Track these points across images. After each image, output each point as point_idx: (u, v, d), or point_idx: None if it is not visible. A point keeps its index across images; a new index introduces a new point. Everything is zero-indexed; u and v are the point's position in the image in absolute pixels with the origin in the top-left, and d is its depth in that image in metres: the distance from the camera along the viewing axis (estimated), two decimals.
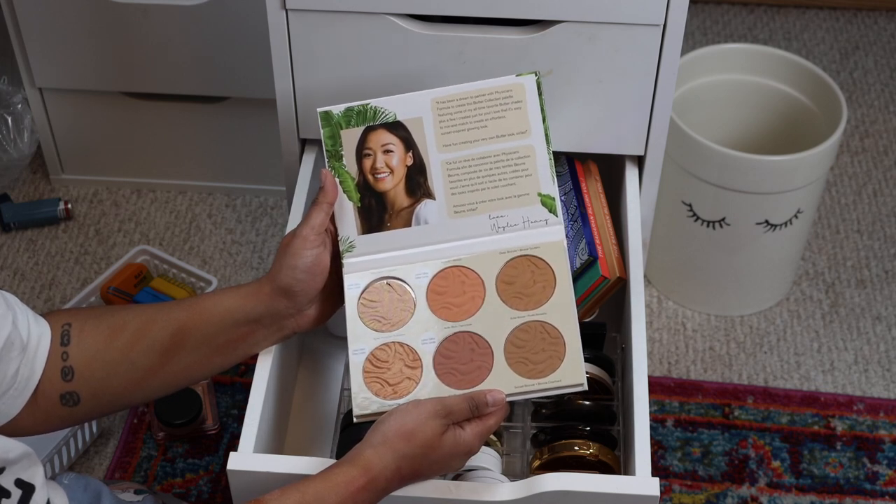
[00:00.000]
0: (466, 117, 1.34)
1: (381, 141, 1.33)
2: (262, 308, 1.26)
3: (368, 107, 1.34)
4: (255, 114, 1.96)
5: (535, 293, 1.28)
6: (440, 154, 1.33)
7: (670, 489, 1.71)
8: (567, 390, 1.24)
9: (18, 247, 2.03)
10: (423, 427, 1.19)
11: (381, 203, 1.32)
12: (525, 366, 1.25)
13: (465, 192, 1.32)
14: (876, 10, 2.45)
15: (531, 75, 1.33)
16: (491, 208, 1.32)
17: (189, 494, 1.70)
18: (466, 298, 1.29)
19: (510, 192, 1.32)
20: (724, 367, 1.87)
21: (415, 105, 1.34)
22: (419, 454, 1.19)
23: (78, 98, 1.98)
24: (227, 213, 2.07)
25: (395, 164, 1.33)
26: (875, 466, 1.75)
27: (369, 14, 1.40)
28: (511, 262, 1.30)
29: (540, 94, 1.33)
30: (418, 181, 1.33)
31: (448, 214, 1.32)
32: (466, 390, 1.23)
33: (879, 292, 1.97)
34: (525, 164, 1.32)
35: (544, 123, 1.33)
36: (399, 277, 1.30)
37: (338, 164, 1.33)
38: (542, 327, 1.27)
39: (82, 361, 1.23)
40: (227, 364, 1.29)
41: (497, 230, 1.31)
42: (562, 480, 1.21)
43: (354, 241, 1.31)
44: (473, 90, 1.34)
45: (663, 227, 1.85)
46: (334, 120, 1.34)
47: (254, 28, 1.80)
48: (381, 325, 1.28)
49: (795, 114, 1.90)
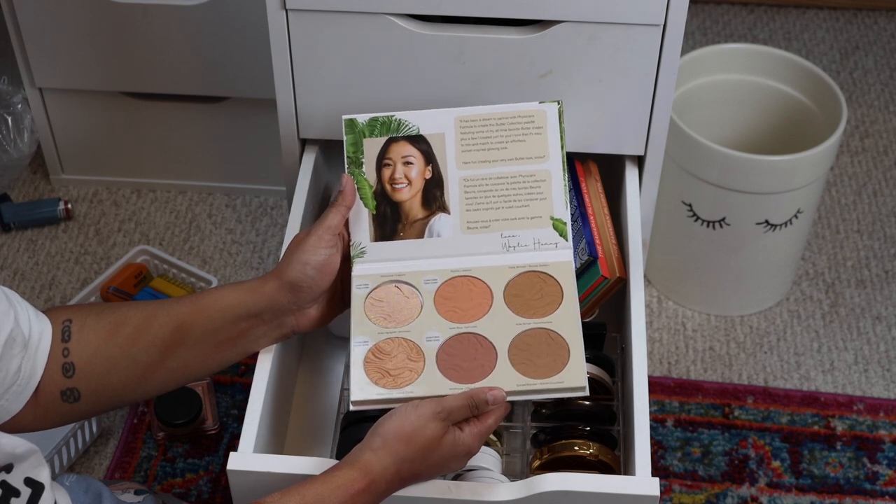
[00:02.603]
0: (488, 137, 1.36)
1: (403, 153, 1.36)
2: (263, 303, 1.27)
3: (393, 119, 1.37)
4: (255, 114, 1.96)
5: (542, 307, 1.30)
6: (459, 171, 1.36)
7: (670, 489, 1.71)
8: (569, 393, 1.25)
9: (18, 247, 2.03)
10: (422, 430, 1.19)
11: (396, 213, 1.35)
12: (528, 366, 1.25)
13: (480, 210, 1.35)
14: (876, 10, 2.45)
15: (554, 104, 1.37)
16: (503, 227, 1.34)
17: (189, 494, 1.70)
18: (474, 304, 1.31)
19: (524, 213, 1.34)
20: (724, 367, 1.87)
21: (439, 121, 1.37)
22: (419, 457, 1.19)
23: (78, 98, 1.98)
24: (227, 213, 2.07)
25: (414, 176, 1.35)
26: (875, 466, 1.75)
27: (369, 14, 1.40)
28: (520, 276, 1.32)
29: (561, 123, 1.36)
30: (435, 195, 1.35)
31: (461, 230, 1.34)
32: (466, 385, 1.24)
33: (879, 292, 1.97)
34: (541, 187, 1.35)
35: (562, 151, 1.36)
36: (408, 281, 1.32)
37: (357, 171, 1.36)
38: (547, 334, 1.28)
39: (83, 358, 1.23)
40: (226, 361, 1.30)
41: (508, 249, 1.34)
42: (562, 480, 1.21)
43: (366, 248, 1.33)
44: (497, 112, 1.37)
45: (663, 227, 1.85)
46: (358, 128, 1.37)
47: (254, 28, 1.80)
48: (386, 321, 1.30)
49: (795, 114, 1.90)
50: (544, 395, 1.25)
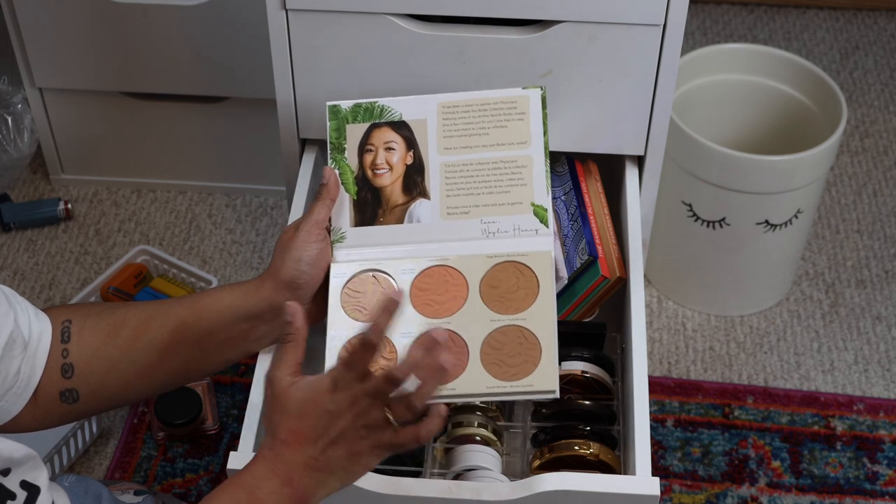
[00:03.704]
0: (470, 123, 1.35)
1: (385, 138, 1.35)
2: (263, 304, 1.27)
3: (376, 105, 1.36)
4: (255, 114, 1.97)
5: (518, 299, 1.28)
6: (440, 156, 1.35)
7: (670, 489, 1.71)
8: (538, 396, 1.24)
9: (18, 247, 2.03)
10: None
11: (377, 198, 1.34)
12: (499, 367, 1.24)
13: (460, 196, 1.34)
14: (876, 10, 2.45)
15: (537, 89, 1.35)
16: (483, 213, 1.33)
17: (189, 494, 1.70)
18: (448, 297, 1.29)
19: (504, 199, 1.33)
20: (724, 367, 1.87)
21: (421, 107, 1.36)
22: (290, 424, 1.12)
23: (78, 98, 1.98)
24: (227, 213, 2.07)
25: (395, 161, 1.35)
26: (875, 466, 1.75)
27: (369, 14, 1.40)
28: (497, 267, 1.31)
29: (544, 108, 1.35)
30: (415, 180, 1.34)
31: (441, 215, 1.33)
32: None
33: (879, 292, 1.97)
34: (522, 173, 1.33)
35: (545, 137, 1.34)
36: (385, 271, 1.31)
37: (339, 157, 1.35)
38: (520, 332, 1.26)
39: (82, 359, 1.23)
40: (227, 362, 1.30)
41: (487, 235, 1.32)
42: (562, 480, 1.21)
43: (346, 233, 1.33)
44: (480, 98, 1.36)
45: (663, 227, 1.85)
46: (342, 114, 1.37)
47: (254, 28, 1.80)
48: (361, 315, 1.29)
49: (795, 114, 1.90)
50: (514, 397, 1.24)
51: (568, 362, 1.39)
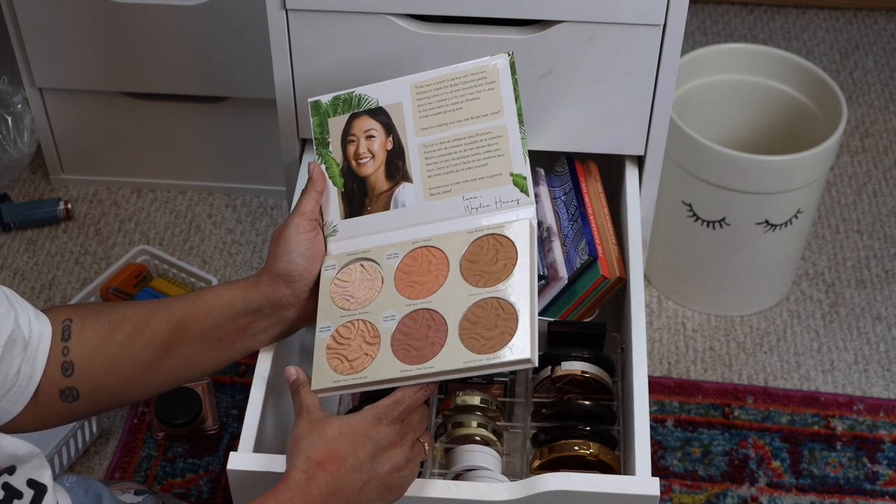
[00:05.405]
0: (443, 100, 1.34)
1: (364, 127, 1.35)
2: (261, 298, 1.27)
3: (353, 95, 1.36)
4: (255, 114, 1.97)
5: (496, 271, 1.27)
6: (418, 138, 1.34)
7: (670, 489, 1.72)
8: (516, 366, 1.23)
9: (18, 247, 2.03)
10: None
11: (363, 187, 1.34)
12: (476, 341, 1.23)
13: (441, 175, 1.33)
14: (876, 10, 2.45)
15: (504, 55, 1.33)
16: (465, 189, 1.32)
17: (189, 494, 1.70)
18: (430, 277, 1.29)
19: (483, 172, 1.32)
20: (724, 367, 1.87)
21: (395, 90, 1.35)
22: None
23: (78, 98, 1.98)
24: (227, 213, 2.07)
25: (377, 148, 1.35)
26: (875, 466, 1.75)
27: (369, 14, 1.40)
28: (477, 241, 1.30)
29: (513, 74, 1.33)
30: (397, 165, 1.34)
31: (424, 197, 1.33)
32: (416, 365, 1.22)
33: (879, 292, 1.97)
34: (498, 144, 1.32)
35: (517, 103, 1.32)
36: (372, 258, 1.31)
37: (324, 151, 1.36)
38: (497, 304, 1.25)
39: (82, 357, 1.23)
40: (227, 359, 1.29)
41: (470, 211, 1.32)
42: (562, 480, 1.21)
43: (337, 226, 1.33)
44: (450, 73, 1.34)
45: (663, 227, 1.85)
46: (322, 109, 1.36)
47: (254, 28, 1.80)
48: (349, 303, 1.29)
49: (795, 114, 1.90)
50: (492, 370, 1.22)
51: (568, 362, 1.39)
